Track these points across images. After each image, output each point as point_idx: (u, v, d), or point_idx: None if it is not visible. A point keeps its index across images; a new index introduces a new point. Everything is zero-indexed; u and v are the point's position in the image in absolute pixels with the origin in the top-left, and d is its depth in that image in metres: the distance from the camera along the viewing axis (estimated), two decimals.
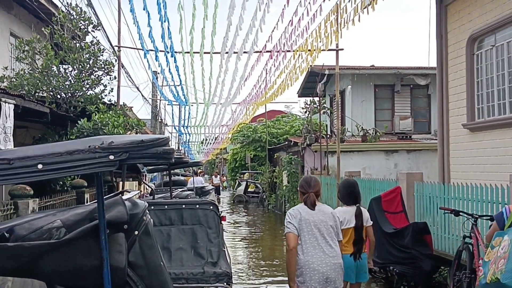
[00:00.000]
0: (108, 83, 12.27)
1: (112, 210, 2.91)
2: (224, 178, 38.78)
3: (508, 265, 3.76)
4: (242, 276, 10.03)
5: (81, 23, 12.07)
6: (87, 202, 9.28)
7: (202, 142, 41.56)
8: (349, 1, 9.12)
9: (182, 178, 20.26)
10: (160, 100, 28.47)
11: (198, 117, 25.49)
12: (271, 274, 10.37)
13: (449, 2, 10.18)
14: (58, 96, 11.41)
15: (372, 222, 6.13)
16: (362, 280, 5.89)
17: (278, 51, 12.47)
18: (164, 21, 9.75)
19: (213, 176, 33.09)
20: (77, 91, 11.43)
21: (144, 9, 9.29)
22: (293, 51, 12.40)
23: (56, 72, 11.60)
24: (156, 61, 13.61)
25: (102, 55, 12.13)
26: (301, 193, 5.04)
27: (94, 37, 12.59)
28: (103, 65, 11.92)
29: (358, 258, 5.67)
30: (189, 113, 25.86)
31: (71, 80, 11.51)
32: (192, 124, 28.32)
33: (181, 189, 13.59)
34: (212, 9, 9.63)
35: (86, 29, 12.21)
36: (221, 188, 33.76)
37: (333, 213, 5.01)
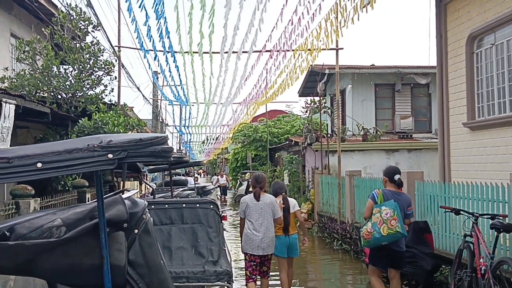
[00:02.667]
0: (109, 83, 12.30)
1: (112, 208, 2.92)
2: (229, 178, 38.40)
3: (400, 223, 6.13)
4: (242, 274, 10.03)
5: (81, 23, 12.09)
6: (88, 202, 9.29)
7: (203, 142, 41.58)
8: (348, 0, 9.12)
9: (183, 178, 20.24)
10: (161, 100, 28.51)
11: (199, 117, 25.49)
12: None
13: (448, 1, 10.17)
14: (59, 96, 11.43)
15: (299, 208, 7.72)
16: (294, 255, 7.49)
17: (278, 51, 12.47)
18: (161, 19, 9.71)
19: (219, 176, 32.69)
20: (77, 91, 11.45)
21: (140, 7, 9.26)
22: (293, 50, 12.40)
23: (57, 72, 11.62)
24: (155, 60, 13.59)
25: (102, 55, 12.15)
26: (252, 187, 7.03)
27: (94, 37, 12.63)
28: (103, 65, 11.94)
29: (287, 235, 7.25)
30: (190, 113, 25.89)
31: (72, 80, 11.53)
32: (193, 124, 28.36)
33: (182, 189, 13.58)
34: (210, 9, 9.57)
35: (86, 30, 12.23)
36: (227, 188, 33.25)
37: (271, 201, 6.85)
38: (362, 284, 9.35)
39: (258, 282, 7.13)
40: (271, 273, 7.29)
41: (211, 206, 6.57)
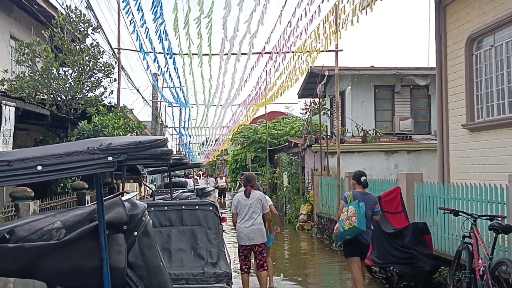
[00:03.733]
0: (108, 85, 12.29)
1: (112, 211, 2.93)
2: (228, 179, 38.27)
3: (358, 218, 7.05)
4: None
5: (80, 25, 12.08)
6: (87, 204, 9.28)
7: (203, 144, 41.53)
8: (347, 2, 9.14)
9: (183, 179, 20.23)
10: (161, 102, 28.50)
11: (199, 119, 25.46)
12: None
13: (448, 3, 10.20)
14: (59, 99, 11.42)
15: (271, 203, 8.48)
16: (268, 245, 8.25)
17: (277, 53, 12.48)
18: (159, 20, 9.70)
19: (218, 178, 32.62)
20: (77, 94, 11.45)
21: (138, 10, 9.26)
22: (293, 52, 12.40)
23: (56, 74, 11.60)
24: (154, 62, 13.59)
25: (102, 57, 12.13)
26: (244, 185, 7.83)
27: (93, 39, 12.61)
28: (103, 67, 11.93)
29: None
30: (189, 115, 25.86)
31: (71, 82, 11.52)
32: (193, 126, 28.33)
33: (181, 191, 13.58)
34: (209, 10, 9.56)
35: (85, 32, 12.21)
36: (226, 190, 33.08)
37: (260, 197, 7.73)
38: None
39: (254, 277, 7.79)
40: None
41: (211, 208, 6.58)
